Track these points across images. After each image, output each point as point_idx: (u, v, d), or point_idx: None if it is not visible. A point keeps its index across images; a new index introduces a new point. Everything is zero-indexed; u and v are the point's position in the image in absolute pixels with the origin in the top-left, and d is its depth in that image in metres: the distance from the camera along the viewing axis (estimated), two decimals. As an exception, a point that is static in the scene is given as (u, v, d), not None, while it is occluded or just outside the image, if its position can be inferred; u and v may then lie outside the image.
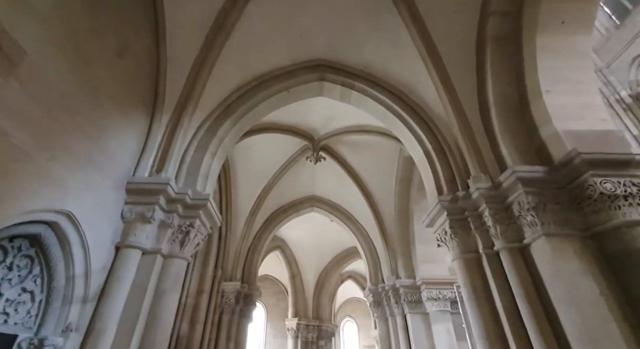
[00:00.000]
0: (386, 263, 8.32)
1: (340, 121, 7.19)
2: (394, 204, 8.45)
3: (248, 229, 8.59)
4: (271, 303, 15.50)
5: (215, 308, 7.31)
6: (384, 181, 8.47)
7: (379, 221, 8.67)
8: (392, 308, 7.75)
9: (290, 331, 12.82)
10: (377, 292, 8.21)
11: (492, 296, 3.44)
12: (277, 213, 9.47)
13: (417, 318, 7.28)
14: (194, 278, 6.93)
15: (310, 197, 9.80)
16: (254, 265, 8.59)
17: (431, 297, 7.16)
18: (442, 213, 4.00)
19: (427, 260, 7.68)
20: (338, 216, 9.58)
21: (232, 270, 8.05)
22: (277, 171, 8.44)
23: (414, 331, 7.11)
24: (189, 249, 3.73)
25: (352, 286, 18.33)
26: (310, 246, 13.74)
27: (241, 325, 7.69)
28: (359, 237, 9.24)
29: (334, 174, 8.76)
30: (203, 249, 7.46)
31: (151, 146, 3.74)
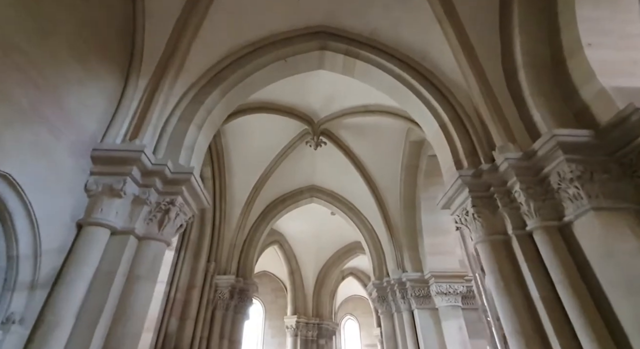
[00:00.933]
0: (391, 255, 7.80)
1: (342, 101, 6.65)
2: (400, 192, 7.92)
3: (244, 220, 8.05)
4: (269, 300, 14.97)
5: (207, 303, 6.79)
6: (388, 168, 7.94)
7: (384, 211, 8.15)
8: (398, 304, 7.24)
9: (289, 329, 12.30)
10: (381, 287, 7.69)
11: (525, 283, 2.92)
12: (274, 204, 8.94)
13: (425, 314, 6.76)
14: (184, 271, 6.39)
15: (310, 187, 9.27)
16: (250, 258, 8.07)
17: (441, 291, 6.64)
18: (462, 190, 3.47)
19: (435, 252, 7.17)
20: (339, 207, 9.05)
21: (227, 263, 7.52)
22: (274, 158, 7.91)
23: (422, 328, 6.60)
24: (169, 231, 3.19)
25: (353, 284, 17.82)
26: (310, 240, 13.22)
27: (236, 322, 7.17)
28: (361, 229, 8.72)
29: (335, 162, 8.24)
30: (195, 240, 6.93)
31: (124, 112, 3.20)
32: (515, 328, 2.82)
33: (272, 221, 8.82)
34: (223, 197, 7.65)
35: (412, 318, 6.96)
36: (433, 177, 7.36)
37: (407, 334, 6.83)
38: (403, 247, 7.71)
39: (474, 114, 3.85)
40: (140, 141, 3.09)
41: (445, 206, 3.91)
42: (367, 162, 8.05)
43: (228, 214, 7.87)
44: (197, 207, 3.67)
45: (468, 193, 3.38)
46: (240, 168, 7.83)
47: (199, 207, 3.73)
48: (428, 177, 7.38)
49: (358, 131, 7.53)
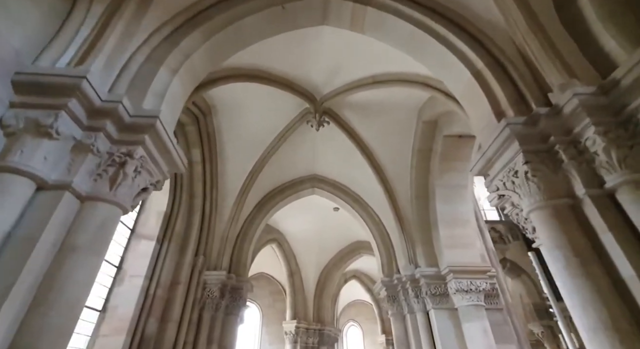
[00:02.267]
0: (402, 250, 6.97)
1: (347, 73, 5.90)
2: (411, 180, 7.13)
3: (237, 211, 7.24)
4: (267, 304, 14.01)
5: (194, 302, 5.93)
6: (398, 154, 7.17)
7: (393, 201, 7.34)
8: (411, 304, 6.38)
9: (288, 335, 11.36)
10: (391, 285, 6.83)
11: (610, 260, 2.12)
12: (272, 194, 8.14)
13: (443, 315, 5.91)
14: (167, 265, 5.57)
15: (312, 177, 8.48)
16: (245, 254, 7.23)
17: (461, 288, 5.80)
18: (509, 145, 2.69)
19: (453, 245, 6.34)
20: (344, 199, 8.25)
21: (217, 258, 6.68)
22: (272, 142, 7.13)
23: (439, 331, 5.73)
24: (126, 193, 2.40)
25: (356, 288, 16.89)
26: (312, 240, 12.36)
27: (227, 325, 6.30)
28: (368, 223, 7.90)
29: (339, 147, 7.47)
30: (181, 231, 6.12)
31: (68, 35, 2.44)
32: (601, 321, 2.01)
33: (269, 213, 8.01)
34: (214, 185, 6.86)
35: (427, 319, 6.10)
36: (449, 161, 6.58)
37: (422, 338, 5.96)
38: (415, 241, 6.88)
39: (517, 57, 3.10)
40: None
41: (482, 171, 3.13)
42: (374, 146, 7.27)
43: (220, 204, 7.07)
44: (168, 168, 2.88)
45: (518, 147, 2.60)
46: (234, 152, 7.06)
47: (171, 169, 2.94)
48: (443, 162, 6.59)
49: (364, 111, 6.77)
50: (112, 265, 4.89)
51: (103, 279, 4.69)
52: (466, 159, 6.59)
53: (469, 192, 6.79)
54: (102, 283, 4.67)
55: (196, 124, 6.22)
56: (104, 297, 4.69)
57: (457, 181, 6.67)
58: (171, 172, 3.06)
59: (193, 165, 6.47)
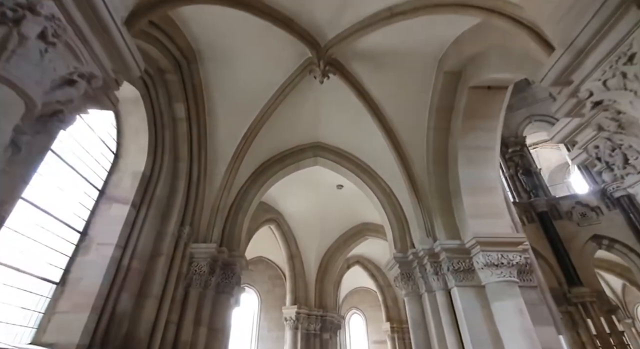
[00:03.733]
0: (418, 223, 6.12)
1: (360, 5, 4.93)
2: (428, 144, 6.24)
3: (230, 179, 6.37)
4: (265, 289, 13.26)
5: (178, 278, 5.12)
6: (413, 114, 6.27)
7: (407, 169, 6.46)
8: (430, 281, 5.56)
9: (288, 321, 10.63)
10: (405, 261, 6.00)
11: None
12: (270, 163, 7.25)
13: (468, 294, 5.09)
14: (146, 234, 4.72)
15: (314, 145, 7.58)
16: (239, 227, 6.39)
17: (490, 262, 4.96)
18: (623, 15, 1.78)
19: (479, 214, 5.48)
20: (350, 169, 7.37)
21: (207, 230, 5.84)
22: (269, 100, 6.21)
23: (465, 312, 4.92)
24: (31, 73, 1.50)
25: (359, 274, 16.17)
26: (313, 221, 11.53)
27: (218, 305, 5.50)
28: (377, 194, 7.04)
29: (346, 108, 6.56)
30: (163, 197, 5.26)
31: None
32: None
33: (266, 184, 7.13)
34: (202, 147, 5.97)
35: (448, 299, 5.28)
36: (474, 119, 5.67)
37: (442, 320, 5.15)
38: (433, 211, 6.03)
39: None
40: None
41: (566, 71, 2.21)
42: (386, 106, 6.36)
43: (210, 170, 6.20)
44: (112, 64, 1.98)
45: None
46: (226, 111, 6.15)
47: (119, 67, 2.03)
48: (468, 120, 5.68)
49: (375, 62, 5.83)
50: (73, 230, 4.04)
51: (61, 246, 3.84)
52: (494, 117, 5.69)
53: (496, 156, 5.90)
54: (59, 250, 3.82)
55: (178, 73, 5.30)
56: (62, 267, 3.85)
57: (483, 142, 5.78)
58: (121, 76, 2.16)
59: (176, 122, 5.57)
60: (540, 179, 13.26)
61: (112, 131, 4.87)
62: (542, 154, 16.58)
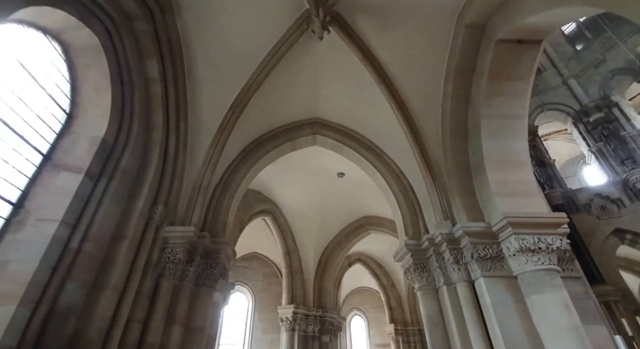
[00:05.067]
0: (433, 205, 5.25)
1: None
2: (444, 114, 5.39)
3: (215, 155, 5.50)
4: (260, 287, 12.31)
5: (147, 267, 4.23)
6: (426, 79, 5.41)
7: (419, 144, 5.60)
8: (448, 272, 4.68)
9: (284, 322, 9.71)
10: (419, 249, 5.12)
11: None
12: (262, 140, 6.38)
13: (497, 285, 4.20)
14: (105, 211, 3.84)
15: (312, 121, 6.72)
16: (225, 210, 5.51)
17: (525, 247, 4.08)
18: None
19: (508, 192, 4.61)
20: (352, 147, 6.50)
21: (186, 212, 4.96)
22: (261, 64, 5.36)
23: (494, 307, 4.03)
24: None
25: (360, 273, 15.27)
26: (311, 214, 10.67)
27: (197, 300, 4.60)
28: (384, 174, 6.17)
29: (349, 75, 5.72)
30: (130, 169, 4.37)
31: None
32: None
33: (258, 164, 6.26)
34: (182, 116, 5.11)
35: (472, 292, 4.40)
36: (501, 82, 4.82)
37: (466, 317, 4.26)
38: (451, 191, 5.16)
39: None
40: None
41: None
42: (395, 71, 5.51)
43: (191, 143, 5.33)
44: None
45: None
46: (209, 75, 5.28)
47: None
48: (493, 83, 4.82)
49: (383, 17, 4.99)
50: (3, 200, 3.16)
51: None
52: (524, 79, 4.84)
53: (525, 126, 5.05)
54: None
55: (150, 22, 4.45)
56: (-18, 246, 2.98)
57: (510, 109, 4.93)
58: None
59: (149, 83, 4.71)
60: (554, 171, 12.41)
61: (65, 85, 4.00)
62: (552, 146, 15.73)
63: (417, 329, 13.86)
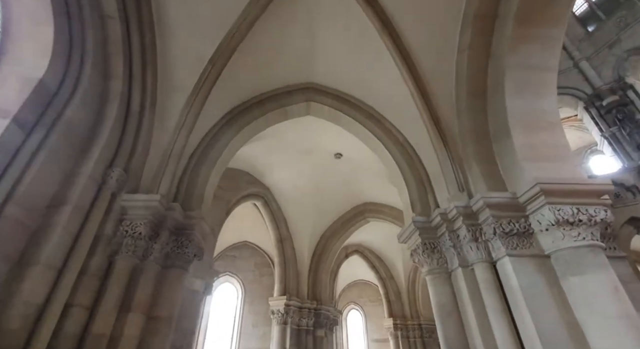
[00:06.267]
0: (445, 175, 4.49)
1: None
2: (458, 71, 4.58)
3: (191, 117, 4.69)
4: (251, 278, 11.55)
5: (97, 241, 3.43)
6: (438, 30, 4.60)
7: (429, 107, 4.82)
8: (465, 252, 3.94)
9: (275, 314, 8.97)
10: (428, 226, 4.36)
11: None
12: (249, 105, 5.57)
13: (526, 266, 3.45)
14: (37, 169, 3.04)
15: (307, 87, 5.91)
16: (202, 182, 4.71)
17: (562, 219, 3.33)
18: None
19: (538, 157, 3.85)
20: (351, 115, 5.71)
21: (153, 179, 4.15)
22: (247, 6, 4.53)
23: (524, 291, 3.29)
24: None
25: (357, 266, 14.57)
26: (306, 199, 9.89)
27: (165, 283, 3.82)
28: (388, 145, 5.39)
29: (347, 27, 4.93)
30: (78, 124, 3.56)
31: None
32: None
33: (244, 131, 5.44)
34: (148, 65, 4.29)
35: (494, 274, 3.66)
36: (530, 24, 4.03)
37: (487, 304, 3.53)
38: (467, 160, 4.40)
39: None
40: None
41: None
42: (401, 21, 4.70)
43: (161, 101, 4.52)
44: None
45: None
46: (184, 19, 4.44)
47: None
48: (520, 28, 4.03)
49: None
50: None
51: None
52: (557, 22, 4.07)
53: (555, 81, 4.29)
54: None
55: (106, -59, 3.62)
56: None
57: (539, 60, 4.16)
58: None
59: (106, 21, 3.88)
60: (564, 157, 11.69)
61: (-10, 10, 3.18)
62: (560, 134, 15.00)
63: (416, 323, 13.21)
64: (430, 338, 12.79)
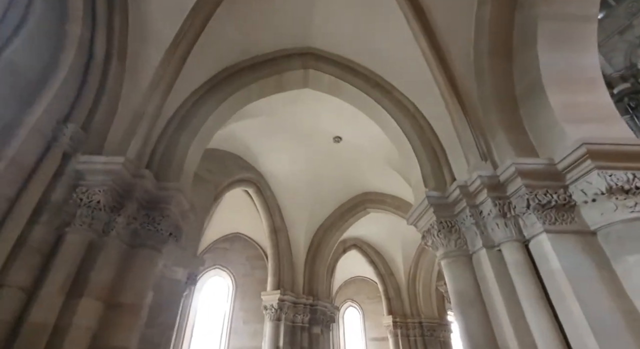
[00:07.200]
0: (465, 144, 3.87)
1: None
2: (478, 26, 3.97)
3: (168, 76, 4.01)
4: (242, 272, 10.86)
5: (42, 209, 2.77)
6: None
7: (444, 68, 4.20)
8: (489, 230, 3.33)
9: (268, 310, 8.33)
10: (444, 202, 3.73)
11: None
12: (239, 69, 4.89)
13: (567, 245, 2.85)
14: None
15: (304, 52, 5.25)
16: (181, 152, 4.04)
17: (615, 187, 2.73)
18: None
19: (579, 118, 3.25)
20: (354, 83, 5.07)
21: (121, 141, 3.49)
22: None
23: (567, 274, 2.69)
24: None
25: (355, 261, 13.95)
26: (303, 187, 9.26)
27: (133, 266, 3.15)
28: (396, 115, 4.75)
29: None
30: (22, 66, 2.90)
31: None
32: None
33: (233, 98, 4.77)
34: (116, 8, 3.61)
35: (526, 255, 3.05)
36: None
37: (519, 291, 2.92)
38: (489, 127, 3.79)
39: None
40: None
41: None
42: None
43: (133, 53, 3.85)
44: None
45: None
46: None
47: None
48: (553, -32, 3.45)
49: None
50: None
51: None
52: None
53: (596, 32, 3.70)
54: None
55: None
56: None
57: (579, 7, 3.57)
58: None
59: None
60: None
61: None
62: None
63: (417, 321, 12.62)
64: (431, 337, 12.22)
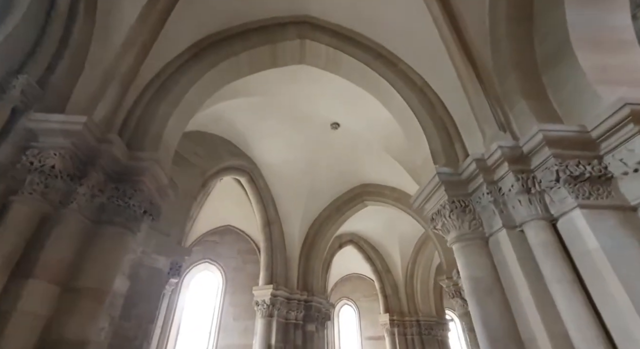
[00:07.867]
0: (479, 116, 3.47)
1: None
2: (496, -14, 3.60)
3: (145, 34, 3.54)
4: (233, 266, 10.35)
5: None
6: None
7: (458, 34, 3.79)
8: (509, 209, 2.92)
9: (260, 305, 7.86)
10: (457, 179, 3.30)
11: None
12: (227, 36, 4.41)
13: (604, 222, 2.45)
14: None
15: (300, 21, 4.79)
16: (159, 121, 3.55)
17: (663, 152, 2.34)
18: None
19: (613, 80, 2.86)
20: (356, 55, 4.62)
21: (88, 103, 3.01)
22: None
23: (607, 254, 2.29)
24: None
25: (351, 258, 13.55)
26: (298, 177, 8.82)
27: (97, 245, 2.68)
28: (401, 90, 4.33)
29: None
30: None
31: None
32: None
33: (218, 68, 4.29)
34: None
35: (554, 236, 2.65)
36: None
37: (546, 275, 2.52)
38: (508, 96, 3.40)
39: None
40: None
41: None
42: None
43: (104, 8, 3.37)
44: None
45: None
46: None
47: None
48: None
49: None
50: None
51: None
52: None
53: (627, -10, 3.32)
54: None
55: None
56: None
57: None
58: None
59: None
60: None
61: None
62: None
63: (414, 320, 12.24)
64: (429, 335, 11.85)
